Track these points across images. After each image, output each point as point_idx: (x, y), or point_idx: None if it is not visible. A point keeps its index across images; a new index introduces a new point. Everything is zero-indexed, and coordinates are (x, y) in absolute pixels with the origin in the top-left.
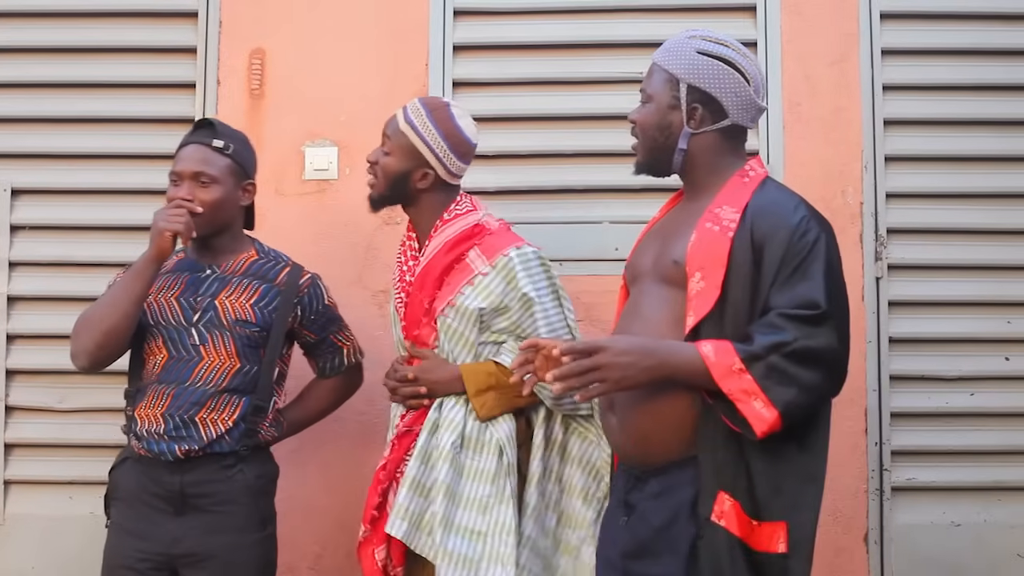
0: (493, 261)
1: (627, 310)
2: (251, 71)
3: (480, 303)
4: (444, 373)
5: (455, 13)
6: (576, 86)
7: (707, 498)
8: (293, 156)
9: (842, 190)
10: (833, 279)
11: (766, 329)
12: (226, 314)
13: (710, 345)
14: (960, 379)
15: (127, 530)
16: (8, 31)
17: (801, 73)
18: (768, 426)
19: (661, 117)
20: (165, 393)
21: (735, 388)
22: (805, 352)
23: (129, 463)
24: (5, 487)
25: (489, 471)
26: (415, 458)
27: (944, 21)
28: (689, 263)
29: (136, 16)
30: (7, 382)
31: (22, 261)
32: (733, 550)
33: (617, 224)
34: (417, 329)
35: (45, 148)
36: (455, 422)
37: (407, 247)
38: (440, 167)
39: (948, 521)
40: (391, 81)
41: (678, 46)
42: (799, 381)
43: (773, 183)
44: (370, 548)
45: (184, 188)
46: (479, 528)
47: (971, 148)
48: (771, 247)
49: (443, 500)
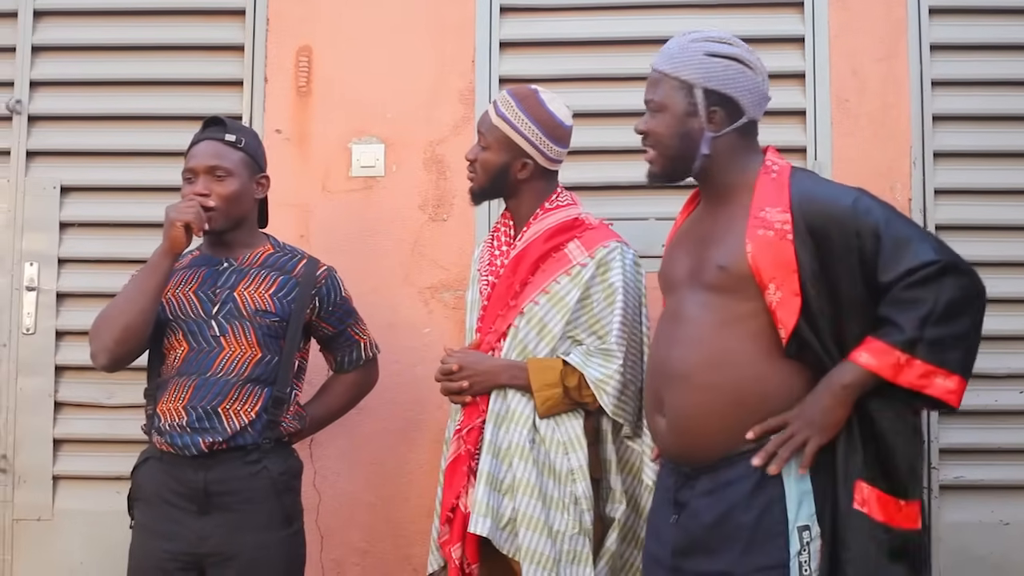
0: (593, 252)
1: (666, 318)
2: (298, 68)
3: (576, 294)
4: (487, 366)
5: (502, 9)
6: (623, 82)
7: (847, 488)
8: (340, 153)
9: (890, 186)
10: (916, 228)
11: (902, 308)
12: (245, 305)
13: (866, 353)
14: (1009, 376)
15: (153, 531)
16: (57, 29)
17: (849, 69)
18: (959, 393)
19: (679, 125)
20: (187, 385)
21: (913, 379)
22: (949, 309)
23: (151, 463)
24: (54, 482)
25: (562, 470)
26: (486, 453)
27: (993, 16)
28: (759, 275)
29: (184, 14)
30: (56, 378)
31: (71, 258)
32: (878, 536)
33: (663, 220)
34: (499, 312)
35: (94, 146)
36: (524, 415)
37: (502, 232)
38: (538, 155)
39: (996, 520)
40: (438, 78)
41: (683, 51)
42: (959, 336)
43: (801, 171)
44: (448, 547)
45: (200, 183)
46: (558, 527)
47: (1021, 144)
48: (838, 235)
49: (525, 497)
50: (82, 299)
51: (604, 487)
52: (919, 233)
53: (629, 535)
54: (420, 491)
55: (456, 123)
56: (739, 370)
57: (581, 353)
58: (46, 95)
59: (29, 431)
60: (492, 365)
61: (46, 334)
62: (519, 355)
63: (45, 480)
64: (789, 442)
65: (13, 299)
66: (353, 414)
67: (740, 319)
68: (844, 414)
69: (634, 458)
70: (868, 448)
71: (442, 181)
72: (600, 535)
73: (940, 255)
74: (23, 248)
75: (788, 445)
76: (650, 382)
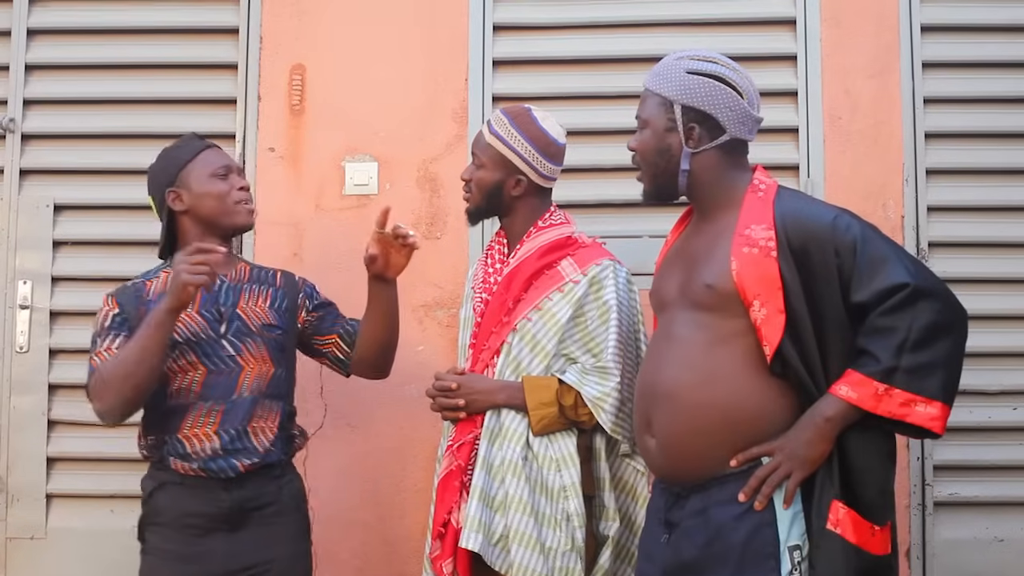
0: (585, 269)
1: (658, 337)
2: (292, 87)
3: (568, 311)
4: (486, 385)
5: (495, 28)
6: (616, 100)
7: (821, 508)
8: (333, 171)
9: (883, 203)
10: (894, 248)
11: (877, 337)
12: (251, 321)
13: (845, 386)
14: (1002, 393)
15: (175, 555)
16: (50, 48)
17: (841, 86)
18: (942, 420)
19: (659, 141)
20: (214, 410)
21: (893, 408)
22: (924, 334)
23: (170, 488)
24: (47, 500)
25: (555, 487)
26: (479, 468)
27: (985, 33)
28: (743, 292)
29: (177, 33)
30: (50, 397)
31: (65, 276)
32: (849, 558)
33: (656, 238)
34: (493, 329)
35: (87, 164)
36: (518, 432)
37: (496, 250)
38: (531, 171)
39: (991, 536)
40: (431, 96)
41: (667, 69)
42: (938, 361)
43: (787, 191)
44: (439, 563)
45: (236, 178)
46: (551, 544)
47: (1013, 161)
48: (817, 252)
49: (517, 514)
50: (76, 317)
51: (597, 504)
52: (895, 254)
53: (623, 553)
54: (415, 509)
55: (449, 141)
56: (728, 389)
57: (577, 371)
58: (39, 113)
59: (22, 450)
60: (490, 385)
61: (39, 352)
62: (513, 372)
63: (38, 499)
64: (772, 476)
65: (6, 317)
66: (347, 432)
67: (728, 338)
68: (826, 448)
69: (628, 475)
70: (843, 469)
71: (435, 199)
72: (593, 553)
73: (912, 278)
74: (16, 266)
75: (771, 480)
76: (639, 403)
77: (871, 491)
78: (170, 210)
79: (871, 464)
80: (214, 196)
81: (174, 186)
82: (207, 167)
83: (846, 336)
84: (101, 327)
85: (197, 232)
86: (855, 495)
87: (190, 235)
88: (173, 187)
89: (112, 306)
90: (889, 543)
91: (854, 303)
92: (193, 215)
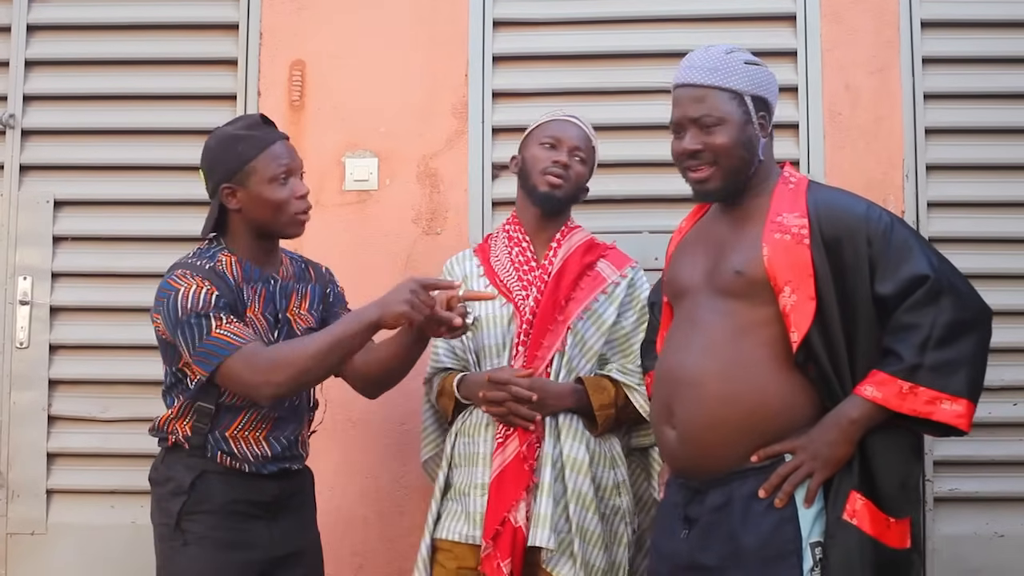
0: (623, 272)
1: (680, 324)
2: (291, 82)
3: (613, 314)
4: (557, 389)
5: (495, 24)
6: (616, 96)
7: (838, 498)
8: (333, 167)
9: (883, 199)
10: (921, 242)
11: (901, 335)
12: (298, 326)
13: (870, 386)
14: (1003, 389)
15: (224, 543)
16: (50, 44)
17: (841, 82)
18: (967, 417)
19: (741, 134)
20: (267, 416)
21: (919, 406)
22: (948, 330)
23: (212, 476)
24: (48, 496)
25: (608, 484)
26: (548, 468)
27: (985, 29)
28: (774, 278)
29: (177, 28)
30: (50, 392)
31: (65, 272)
32: (864, 549)
33: (657, 234)
34: (549, 327)
35: (87, 160)
36: (579, 431)
37: (522, 250)
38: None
39: (991, 532)
40: (431, 92)
41: (721, 63)
42: (962, 357)
43: (819, 184)
44: (494, 562)
45: (296, 183)
46: (608, 540)
47: (1013, 157)
48: (849, 243)
49: (584, 511)
50: (76, 313)
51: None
52: (920, 246)
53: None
54: (414, 505)
55: (449, 137)
56: (753, 381)
57: (618, 373)
58: (39, 109)
59: (22, 445)
60: (560, 389)
61: (40, 348)
62: (567, 373)
63: (39, 494)
64: (793, 475)
65: (6, 313)
66: (348, 427)
67: (754, 327)
68: (849, 450)
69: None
70: (864, 460)
71: (435, 195)
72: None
73: (934, 272)
74: (16, 262)
75: (792, 479)
76: (659, 390)
77: (891, 483)
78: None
79: (893, 457)
80: (271, 205)
81: (231, 183)
82: (269, 169)
83: (873, 332)
84: (208, 303)
85: (244, 231)
86: (874, 486)
87: (238, 231)
88: (229, 183)
89: (207, 286)
90: (908, 537)
91: (878, 295)
92: (245, 216)
